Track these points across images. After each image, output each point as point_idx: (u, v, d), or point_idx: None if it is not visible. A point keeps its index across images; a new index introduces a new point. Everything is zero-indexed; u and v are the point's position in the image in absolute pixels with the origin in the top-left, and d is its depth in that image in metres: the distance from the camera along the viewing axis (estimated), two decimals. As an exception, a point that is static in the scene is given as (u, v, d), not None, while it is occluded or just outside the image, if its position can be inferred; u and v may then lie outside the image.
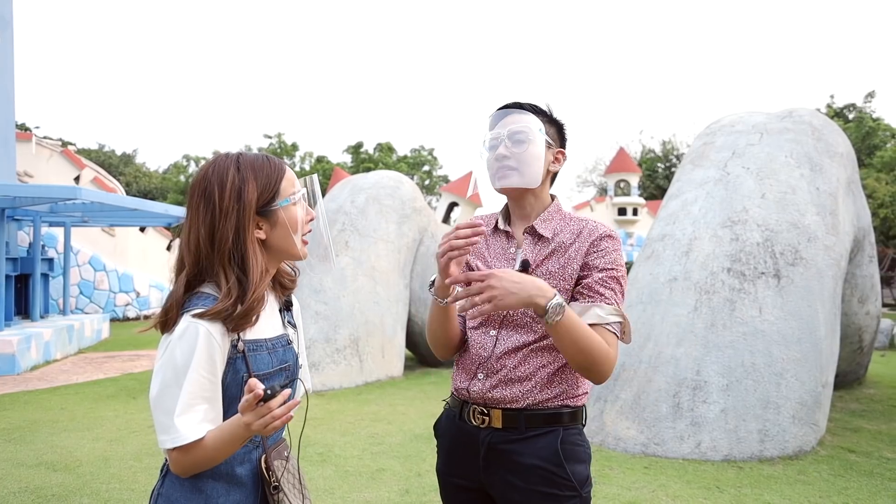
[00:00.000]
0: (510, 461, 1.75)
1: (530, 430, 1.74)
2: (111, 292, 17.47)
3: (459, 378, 1.88)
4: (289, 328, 1.64)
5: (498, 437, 1.77)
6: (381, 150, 42.22)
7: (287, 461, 1.60)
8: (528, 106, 1.87)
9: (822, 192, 6.31)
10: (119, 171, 39.95)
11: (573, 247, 1.80)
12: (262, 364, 1.50)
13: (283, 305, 1.66)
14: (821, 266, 5.88)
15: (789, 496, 4.41)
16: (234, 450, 1.40)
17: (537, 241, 1.84)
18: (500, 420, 1.77)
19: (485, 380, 1.80)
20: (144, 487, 4.51)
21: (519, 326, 1.80)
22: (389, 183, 9.98)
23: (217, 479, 1.49)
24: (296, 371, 1.62)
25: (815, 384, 5.50)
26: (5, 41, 11.82)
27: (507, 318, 1.80)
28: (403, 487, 4.55)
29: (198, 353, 1.40)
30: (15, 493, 4.40)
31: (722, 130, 7.14)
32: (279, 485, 1.51)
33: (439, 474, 1.94)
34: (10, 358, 9.21)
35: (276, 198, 1.52)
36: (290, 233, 1.53)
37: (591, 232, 1.81)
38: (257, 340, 1.51)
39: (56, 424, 6.30)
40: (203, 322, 1.42)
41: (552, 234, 1.84)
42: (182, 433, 1.37)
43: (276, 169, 1.54)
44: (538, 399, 1.75)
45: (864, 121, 31.46)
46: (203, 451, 1.39)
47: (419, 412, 6.95)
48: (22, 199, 10.17)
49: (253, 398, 1.27)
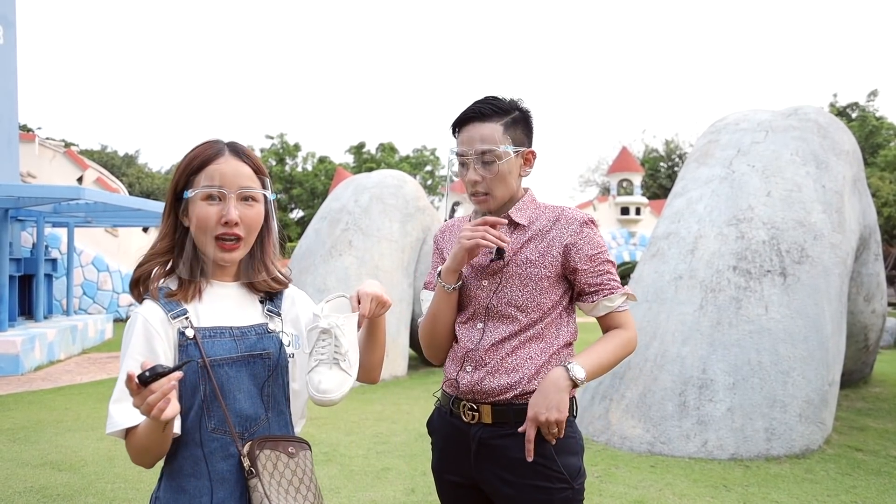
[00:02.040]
0: (501, 456, 1.76)
1: (520, 424, 1.73)
2: (114, 293, 17.48)
3: (448, 370, 1.89)
4: (273, 318, 1.58)
5: (488, 433, 1.78)
6: (384, 151, 42.24)
7: (292, 457, 1.50)
8: (488, 110, 1.81)
9: (828, 189, 6.28)
10: (122, 172, 39.98)
11: (551, 233, 1.82)
12: (222, 350, 1.46)
13: (264, 296, 1.60)
14: (827, 264, 5.85)
15: (797, 495, 4.39)
16: (157, 435, 1.33)
17: (514, 230, 1.85)
18: (490, 415, 1.78)
19: (473, 371, 1.81)
20: (149, 487, 4.50)
21: (504, 317, 1.81)
22: (393, 182, 9.96)
23: (199, 478, 1.44)
24: (281, 359, 1.53)
25: (822, 382, 5.47)
26: (8, 41, 11.83)
27: (492, 310, 1.82)
28: (409, 486, 4.53)
29: (133, 339, 1.42)
30: (20, 493, 4.39)
31: (727, 128, 7.11)
32: (253, 470, 1.43)
33: (434, 471, 1.95)
34: (14, 358, 9.21)
35: (188, 186, 1.50)
36: (197, 229, 1.50)
37: (569, 219, 1.83)
38: (218, 328, 1.48)
39: (60, 424, 6.30)
40: (142, 309, 1.45)
41: (528, 221, 1.85)
42: (115, 419, 1.37)
43: (204, 155, 1.51)
44: (526, 390, 1.75)
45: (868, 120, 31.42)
46: (137, 439, 1.38)
47: (423, 411, 6.94)
48: (25, 200, 10.16)
49: (127, 380, 1.21)
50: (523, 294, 1.79)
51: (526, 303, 1.79)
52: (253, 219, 1.52)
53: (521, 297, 1.79)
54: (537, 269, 1.79)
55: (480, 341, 1.81)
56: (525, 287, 1.79)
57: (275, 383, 1.54)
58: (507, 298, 1.80)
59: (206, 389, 1.43)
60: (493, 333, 1.80)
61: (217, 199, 1.49)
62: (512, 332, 1.79)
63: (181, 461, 1.45)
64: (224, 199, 1.48)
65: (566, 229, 1.82)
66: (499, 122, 1.81)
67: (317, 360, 1.49)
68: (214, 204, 1.49)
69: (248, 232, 1.52)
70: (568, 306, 1.87)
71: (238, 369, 1.48)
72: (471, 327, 1.85)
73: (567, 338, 1.84)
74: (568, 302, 1.86)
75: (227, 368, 1.47)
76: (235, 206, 1.49)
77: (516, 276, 1.80)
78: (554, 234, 1.82)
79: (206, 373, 1.44)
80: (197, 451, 1.44)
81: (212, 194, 1.48)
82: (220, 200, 1.49)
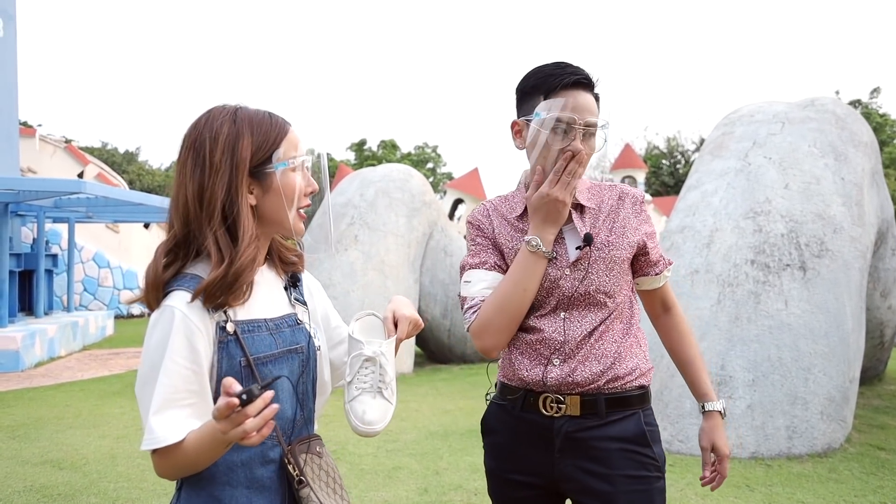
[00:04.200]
0: (590, 447, 1.65)
1: (611, 413, 1.66)
2: (115, 289, 17.36)
3: (526, 367, 1.71)
4: (298, 306, 1.45)
5: (575, 425, 1.66)
6: (385, 148, 42.09)
7: (321, 457, 1.40)
8: (589, 80, 1.70)
9: (847, 181, 6.13)
10: (122, 169, 39.82)
11: (621, 212, 1.75)
12: (263, 346, 1.31)
13: (288, 282, 1.47)
14: (847, 258, 5.71)
15: (823, 495, 4.25)
16: (218, 455, 1.21)
17: (582, 214, 1.73)
18: (578, 407, 1.66)
19: (562, 365, 1.67)
20: (153, 486, 4.36)
21: (592, 305, 1.70)
22: (399, 176, 9.82)
23: (235, 486, 1.30)
24: (311, 353, 1.41)
25: (843, 379, 5.33)
26: (8, 36, 11.68)
27: (578, 298, 1.69)
28: (422, 486, 4.39)
29: (172, 340, 1.22)
30: (20, 493, 4.25)
31: (741, 120, 6.96)
32: (304, 479, 1.31)
33: (492, 472, 1.79)
34: (15, 354, 9.08)
35: (273, 159, 1.33)
36: (283, 201, 1.33)
37: (632, 197, 1.79)
38: (254, 320, 1.33)
39: (61, 422, 6.16)
40: (180, 305, 1.24)
41: (597, 203, 1.75)
42: (157, 434, 1.19)
43: (278, 127, 1.36)
44: (617, 374, 1.67)
45: (871, 117, 31.29)
46: (184, 455, 1.20)
47: (432, 409, 6.80)
48: (26, 194, 10.02)
49: (225, 407, 1.05)
50: (610, 279, 1.70)
51: (613, 287, 1.70)
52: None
53: (609, 282, 1.69)
54: (619, 251, 1.71)
55: (567, 332, 1.68)
56: (611, 271, 1.70)
57: (308, 379, 1.41)
58: (595, 285, 1.68)
59: None
60: (580, 323, 1.68)
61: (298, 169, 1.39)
62: (601, 319, 1.69)
63: (214, 468, 1.28)
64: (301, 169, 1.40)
65: (632, 208, 1.76)
66: (594, 94, 1.71)
67: (359, 388, 1.38)
68: (300, 173, 1.39)
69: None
70: (632, 283, 1.82)
71: (280, 366, 1.34)
72: (553, 318, 1.70)
73: (637, 314, 1.79)
74: (632, 279, 1.82)
75: (271, 366, 1.32)
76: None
77: (600, 260, 1.68)
78: (624, 215, 1.75)
79: (251, 372, 1.29)
80: (232, 457, 1.29)
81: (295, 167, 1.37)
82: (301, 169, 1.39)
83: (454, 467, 4.82)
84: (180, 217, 1.32)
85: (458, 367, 9.80)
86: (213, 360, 1.27)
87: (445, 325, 9.88)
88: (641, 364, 1.73)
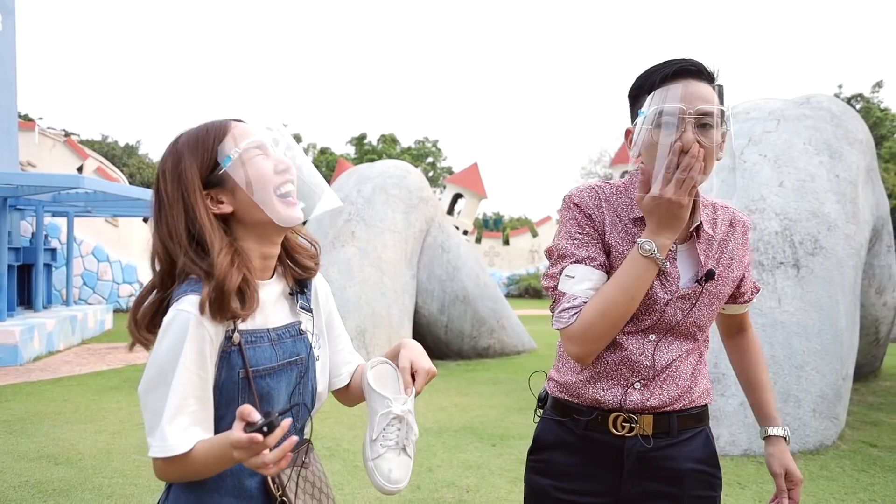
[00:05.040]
0: (663, 468, 1.59)
1: (683, 432, 1.61)
2: (114, 283, 17.37)
3: (603, 387, 1.60)
4: (302, 314, 1.42)
5: (648, 445, 1.59)
6: (385, 142, 42.04)
7: (304, 467, 1.39)
8: (704, 69, 1.51)
9: (841, 179, 6.14)
10: (122, 163, 39.79)
11: (731, 242, 1.65)
12: (263, 358, 1.30)
13: (294, 288, 1.43)
14: (841, 256, 5.72)
15: (813, 493, 4.27)
16: (223, 469, 1.23)
17: (703, 241, 1.59)
18: (651, 426, 1.59)
19: (642, 389, 1.59)
20: (147, 482, 4.39)
21: (682, 335, 1.61)
22: (396, 172, 9.82)
23: (223, 494, 1.31)
24: (310, 363, 1.39)
25: (836, 377, 5.35)
26: (7, 29, 11.68)
27: (682, 327, 1.60)
28: (414, 483, 4.42)
29: (187, 346, 1.21)
30: (15, 487, 4.28)
31: (737, 117, 6.96)
32: (286, 500, 1.32)
33: (544, 490, 1.66)
34: (13, 348, 9.10)
35: (219, 158, 1.30)
36: (251, 194, 1.28)
37: (742, 225, 1.69)
38: (257, 331, 1.30)
39: (58, 416, 6.19)
40: (194, 310, 1.23)
41: (711, 226, 1.62)
42: (170, 442, 1.19)
43: (214, 131, 1.32)
44: (691, 399, 1.62)
45: (872, 111, 31.21)
46: (191, 465, 1.21)
47: (427, 405, 6.83)
48: (25, 188, 10.04)
49: (248, 441, 1.05)
50: (708, 313, 1.62)
51: (707, 321, 1.63)
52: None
53: (706, 317, 1.62)
54: (724, 287, 1.63)
55: (655, 358, 1.58)
56: (711, 306, 1.62)
57: (305, 390, 1.40)
58: (693, 318, 1.60)
59: (244, 402, 1.28)
60: (668, 350, 1.60)
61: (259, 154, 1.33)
62: (689, 349, 1.62)
63: None
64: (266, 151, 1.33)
65: (742, 238, 1.67)
66: (712, 85, 1.52)
67: (385, 446, 1.36)
68: (263, 157, 1.32)
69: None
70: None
71: (277, 379, 1.33)
72: (642, 338, 1.58)
73: (709, 340, 1.72)
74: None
75: (269, 379, 1.32)
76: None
77: (706, 294, 1.59)
78: (734, 245, 1.65)
79: (248, 384, 1.28)
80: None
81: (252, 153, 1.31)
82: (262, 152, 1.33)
83: (447, 464, 4.85)
84: (161, 257, 1.32)
85: (455, 363, 9.82)
86: (216, 366, 1.27)
87: (442, 322, 9.91)
88: (707, 384, 1.68)
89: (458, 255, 10.05)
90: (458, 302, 9.88)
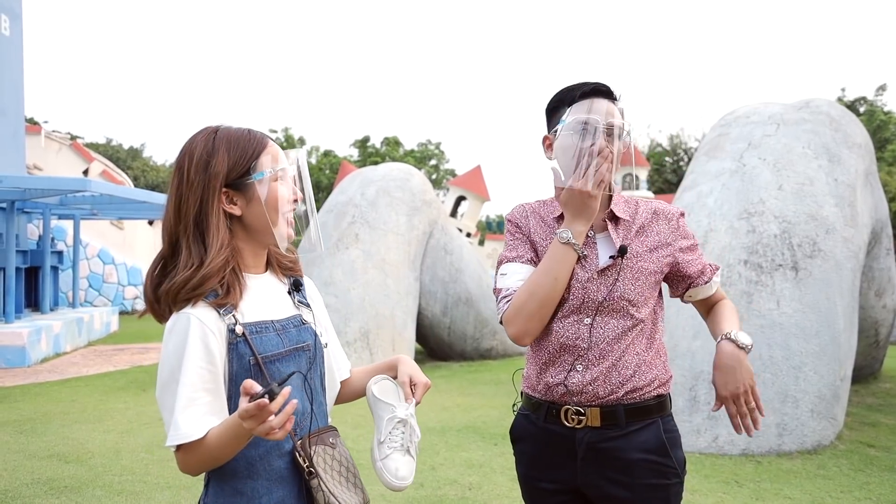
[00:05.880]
0: (613, 458, 1.72)
1: (631, 423, 1.72)
2: (120, 285, 17.50)
3: (551, 373, 1.78)
4: (302, 308, 1.55)
5: (597, 436, 1.73)
6: (388, 144, 42.17)
7: (334, 448, 1.51)
8: (612, 93, 1.80)
9: (840, 183, 6.21)
10: (127, 165, 39.97)
11: (654, 227, 1.82)
12: (270, 345, 1.42)
13: (291, 287, 1.57)
14: (839, 258, 5.79)
15: (810, 491, 4.34)
16: (238, 449, 1.31)
17: (617, 225, 1.80)
18: (598, 418, 1.73)
19: (584, 371, 1.73)
20: (156, 479, 4.48)
21: (616, 312, 1.75)
22: (400, 175, 9.92)
23: (255, 478, 1.41)
24: (318, 350, 1.52)
25: (834, 378, 5.42)
26: (14, 34, 11.80)
27: (605, 304, 1.74)
28: (418, 481, 4.50)
29: (190, 343, 1.33)
30: (27, 485, 4.37)
31: (737, 121, 7.04)
32: (314, 470, 1.42)
33: (524, 479, 1.88)
34: (21, 350, 9.21)
35: (252, 171, 1.44)
36: (264, 210, 1.43)
37: (668, 214, 1.85)
38: (261, 322, 1.43)
39: (67, 416, 6.28)
40: (193, 310, 1.35)
41: (630, 215, 1.82)
42: (183, 430, 1.29)
43: (255, 142, 1.46)
44: (636, 386, 1.73)
45: (875, 114, 31.23)
46: (207, 450, 1.30)
47: (430, 405, 6.91)
48: (32, 192, 10.15)
49: (255, 408, 1.15)
50: (635, 288, 1.75)
51: (637, 298, 1.75)
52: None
53: (634, 292, 1.75)
54: (647, 264, 1.77)
55: (592, 338, 1.73)
56: (637, 281, 1.75)
57: (316, 375, 1.52)
58: (619, 292, 1.73)
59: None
60: (605, 329, 1.74)
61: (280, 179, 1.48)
62: (625, 328, 1.74)
63: (234, 464, 1.39)
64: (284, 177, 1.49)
65: (667, 224, 1.83)
66: (617, 105, 1.79)
67: (391, 447, 1.52)
68: (283, 183, 1.48)
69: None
70: (660, 299, 1.86)
71: (287, 364, 1.45)
72: (576, 322, 1.75)
73: (661, 329, 1.85)
74: (659, 294, 1.87)
75: (278, 364, 1.43)
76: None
77: (628, 269, 1.75)
78: (657, 230, 1.82)
79: (259, 370, 1.39)
80: (250, 452, 1.40)
81: (279, 175, 1.47)
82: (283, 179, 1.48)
83: (450, 463, 4.93)
84: (165, 230, 1.44)
85: (458, 364, 9.90)
86: (224, 360, 1.37)
87: (445, 323, 9.99)
88: (660, 374, 1.77)
89: (460, 257, 10.13)
90: (461, 304, 9.96)
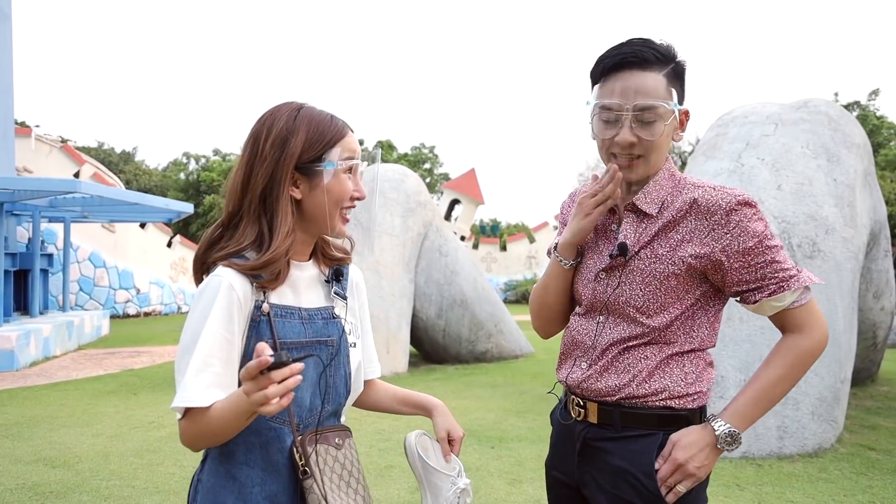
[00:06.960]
0: (601, 460, 1.58)
1: (626, 429, 1.54)
2: (111, 289, 17.34)
3: (564, 366, 1.71)
4: (336, 300, 1.48)
5: (592, 433, 1.60)
6: (382, 148, 42.11)
7: (339, 449, 1.42)
8: (650, 55, 1.48)
9: (839, 183, 6.16)
10: (119, 169, 39.74)
11: (685, 223, 1.51)
12: (292, 332, 1.36)
13: (331, 276, 1.49)
14: (839, 259, 5.74)
15: (812, 495, 4.27)
16: (239, 426, 1.24)
17: (640, 220, 1.56)
18: (596, 415, 1.59)
19: (587, 368, 1.62)
20: (145, 484, 4.37)
21: (625, 317, 1.57)
22: (394, 176, 9.83)
23: (252, 466, 1.35)
24: (342, 347, 1.43)
25: (835, 380, 5.35)
26: (4, 36, 11.67)
27: (614, 305, 1.58)
28: (413, 485, 4.41)
29: (216, 307, 1.28)
30: (12, 490, 4.25)
31: (735, 121, 6.98)
32: (307, 470, 1.34)
33: (546, 464, 1.80)
34: (9, 354, 9.07)
35: (325, 159, 1.39)
36: (325, 200, 1.38)
37: (710, 207, 1.48)
38: (288, 307, 1.38)
39: (55, 420, 6.16)
40: (227, 274, 1.31)
41: (658, 208, 1.54)
42: (189, 394, 1.24)
43: (336, 129, 1.42)
44: (635, 394, 1.54)
45: (868, 119, 31.33)
46: (208, 422, 1.24)
47: (426, 408, 6.81)
48: (21, 193, 10.02)
49: (257, 365, 1.07)
50: (644, 294, 1.53)
51: (647, 304, 1.53)
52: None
53: (642, 298, 1.53)
54: (664, 266, 1.51)
55: (597, 337, 1.60)
56: (647, 286, 1.52)
57: (336, 373, 1.44)
58: (624, 297, 1.54)
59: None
60: (612, 331, 1.58)
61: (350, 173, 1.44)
62: (632, 334, 1.55)
63: (233, 447, 1.35)
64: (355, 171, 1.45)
65: (705, 221, 1.49)
66: (661, 71, 1.49)
67: None
68: (350, 178, 1.44)
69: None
70: (707, 307, 1.57)
71: (295, 352, 1.36)
72: (589, 320, 1.63)
73: (696, 343, 1.55)
74: (708, 302, 1.57)
75: (296, 353, 1.35)
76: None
77: (637, 271, 1.53)
78: (687, 227, 1.51)
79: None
80: (252, 439, 1.35)
81: (351, 167, 1.43)
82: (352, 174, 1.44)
83: (481, 464, 4.84)
84: (229, 197, 1.40)
85: (453, 367, 9.81)
86: (244, 336, 1.32)
87: (440, 326, 9.90)
88: (675, 387, 1.53)
89: (456, 259, 10.05)
90: (457, 306, 9.87)
